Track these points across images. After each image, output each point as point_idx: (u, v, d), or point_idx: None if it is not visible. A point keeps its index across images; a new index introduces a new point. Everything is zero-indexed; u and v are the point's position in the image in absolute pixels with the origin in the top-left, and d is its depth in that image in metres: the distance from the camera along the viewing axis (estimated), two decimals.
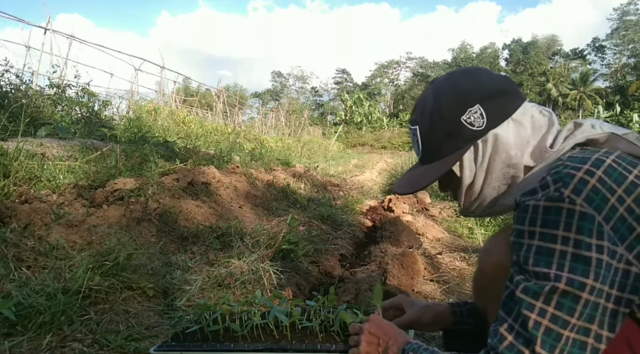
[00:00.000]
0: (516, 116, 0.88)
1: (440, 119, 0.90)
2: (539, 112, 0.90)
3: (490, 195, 0.91)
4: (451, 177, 0.94)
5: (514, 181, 0.89)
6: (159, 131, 7.13)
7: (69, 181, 2.89)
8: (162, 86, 14.84)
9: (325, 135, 29.04)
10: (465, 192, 0.93)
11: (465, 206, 0.97)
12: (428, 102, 0.94)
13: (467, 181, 0.91)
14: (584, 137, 0.85)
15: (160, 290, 2.02)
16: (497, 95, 0.89)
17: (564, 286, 0.69)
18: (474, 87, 0.89)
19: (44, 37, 9.34)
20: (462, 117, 0.88)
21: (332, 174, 8.91)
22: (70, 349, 1.47)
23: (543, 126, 0.89)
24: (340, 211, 4.53)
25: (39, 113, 5.03)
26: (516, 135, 0.87)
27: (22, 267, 1.86)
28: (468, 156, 0.90)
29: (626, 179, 0.73)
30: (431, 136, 0.92)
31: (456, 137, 0.89)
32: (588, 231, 0.69)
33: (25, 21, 9.57)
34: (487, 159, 0.88)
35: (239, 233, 2.86)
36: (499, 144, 0.87)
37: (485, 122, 0.87)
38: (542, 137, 0.88)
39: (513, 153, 0.87)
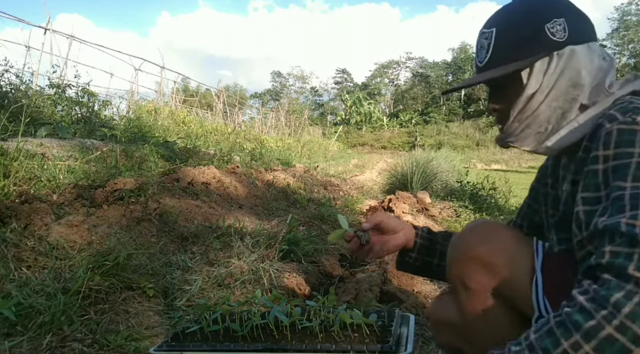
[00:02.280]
0: (592, 45, 0.90)
1: (524, 21, 0.90)
2: (602, 57, 0.91)
3: (544, 115, 0.90)
4: (512, 85, 0.92)
5: (570, 108, 0.88)
6: (159, 131, 7.13)
7: (69, 181, 2.89)
8: (162, 86, 14.84)
9: (325, 135, 29.06)
10: (522, 105, 0.91)
11: (512, 124, 0.94)
12: (512, 8, 0.94)
13: (531, 90, 0.90)
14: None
15: (160, 290, 2.02)
16: (584, 19, 0.91)
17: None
18: (563, 2, 0.91)
19: (44, 37, 9.35)
20: (547, 25, 0.88)
21: (332, 174, 8.92)
22: (70, 349, 1.47)
23: (603, 69, 0.90)
24: (340, 211, 4.53)
25: (39, 113, 5.03)
26: (589, 60, 0.88)
27: (22, 267, 1.86)
28: (540, 64, 0.89)
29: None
30: (509, 38, 0.91)
31: (534, 43, 0.89)
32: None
33: (25, 21, 9.58)
34: (557, 74, 0.88)
35: (239, 233, 2.86)
36: (573, 61, 0.87)
37: (567, 36, 0.87)
38: (603, 76, 0.88)
39: (584, 73, 0.87)
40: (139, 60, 13.72)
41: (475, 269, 0.98)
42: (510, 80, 0.92)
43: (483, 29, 0.97)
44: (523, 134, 0.93)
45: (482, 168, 19.83)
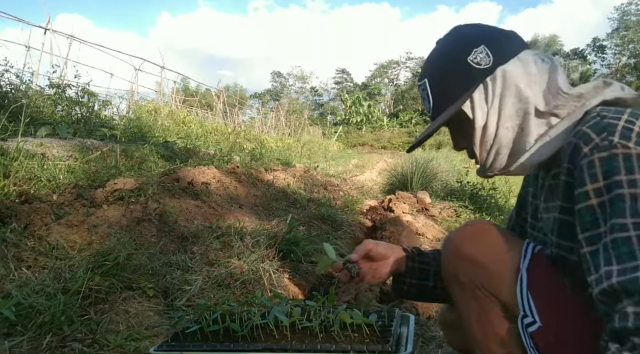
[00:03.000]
0: (521, 56, 0.89)
1: (448, 62, 0.92)
2: (541, 60, 0.91)
3: (506, 138, 0.91)
4: (463, 123, 0.93)
5: (527, 121, 0.88)
6: (159, 131, 7.13)
7: (69, 181, 2.89)
8: (162, 86, 14.85)
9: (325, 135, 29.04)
10: (480, 139, 0.92)
11: (483, 158, 0.95)
12: (434, 55, 0.97)
13: (480, 122, 0.91)
14: (613, 95, 0.85)
15: (160, 290, 2.02)
16: (501, 37, 0.92)
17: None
18: (477, 32, 0.93)
19: (44, 37, 9.35)
20: (469, 58, 0.89)
21: (332, 174, 8.92)
22: (70, 349, 1.47)
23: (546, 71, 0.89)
24: (340, 211, 4.53)
25: (39, 113, 5.03)
26: (524, 71, 0.88)
27: (22, 267, 1.86)
28: (478, 95, 0.90)
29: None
30: (440, 83, 0.94)
31: (464, 78, 0.90)
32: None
33: (25, 21, 9.58)
34: (498, 96, 0.89)
35: (239, 233, 2.86)
36: (507, 79, 0.88)
37: (492, 60, 0.89)
38: (549, 78, 0.88)
39: (522, 86, 0.87)
40: (139, 60, 13.74)
41: (466, 266, 0.98)
42: (459, 119, 0.93)
43: (418, 82, 1.00)
44: (498, 161, 0.94)
45: None
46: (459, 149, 1.00)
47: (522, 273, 0.92)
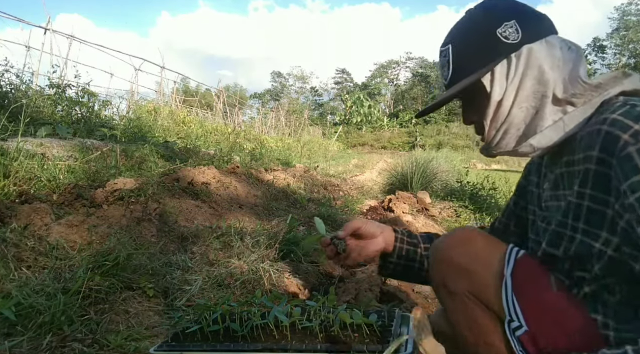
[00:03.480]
0: (549, 39, 0.88)
1: (475, 31, 0.90)
2: (568, 47, 0.89)
3: (518, 118, 0.89)
4: (478, 96, 0.92)
5: (543, 105, 0.87)
6: (159, 131, 7.13)
7: (69, 181, 2.89)
8: (162, 86, 14.85)
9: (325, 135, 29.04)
10: (493, 114, 0.91)
11: (491, 135, 0.94)
12: (463, 22, 0.95)
13: (497, 97, 0.89)
14: (632, 87, 0.84)
15: (160, 290, 2.02)
16: (534, 16, 0.90)
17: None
18: (510, 5, 0.91)
19: (44, 37, 9.34)
20: (498, 30, 0.88)
21: (332, 174, 8.92)
22: (70, 349, 1.47)
23: (571, 59, 0.88)
24: (340, 211, 4.53)
25: (39, 113, 5.03)
26: (549, 54, 0.87)
27: (22, 267, 1.86)
28: (500, 70, 0.88)
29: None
30: (464, 51, 0.92)
31: (490, 50, 0.89)
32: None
33: (25, 21, 9.58)
34: (519, 75, 0.87)
35: (239, 233, 2.86)
36: (532, 59, 0.86)
37: (520, 36, 0.87)
38: (573, 66, 0.87)
39: (546, 68, 0.86)
40: (139, 60, 13.73)
41: (453, 272, 0.98)
42: (476, 91, 0.91)
43: (441, 47, 0.97)
44: (504, 141, 0.93)
45: (482, 168, 19.83)
46: (468, 122, 0.98)
47: (506, 278, 0.92)
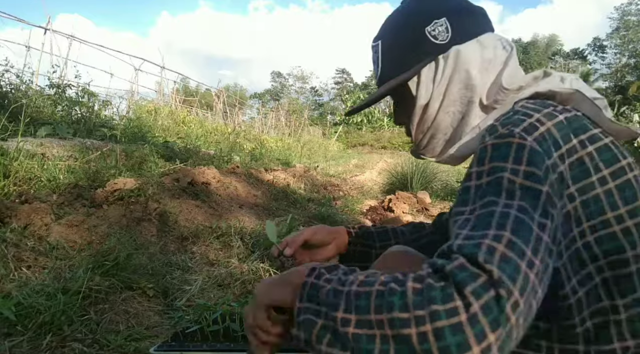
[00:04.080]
0: (482, 38, 0.83)
1: (405, 28, 0.85)
2: (502, 47, 0.85)
3: (445, 123, 0.85)
4: (406, 98, 0.88)
5: (469, 110, 0.83)
6: (159, 131, 7.13)
7: (69, 181, 2.89)
8: (162, 86, 14.85)
9: (325, 135, 29.02)
10: (419, 118, 0.87)
11: (417, 139, 0.90)
12: (394, 16, 0.89)
13: (423, 100, 0.84)
14: (547, 88, 0.79)
15: (160, 290, 2.02)
16: (466, 13, 0.84)
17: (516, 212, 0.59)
18: (443, 1, 0.85)
19: (44, 37, 9.34)
20: (427, 28, 0.83)
21: (332, 174, 8.91)
22: (70, 349, 1.47)
23: (502, 61, 0.83)
24: (340, 211, 4.53)
25: (39, 113, 5.03)
26: (479, 56, 0.81)
27: (22, 267, 1.86)
28: (427, 72, 0.83)
29: (571, 141, 0.68)
30: (392, 48, 0.87)
31: (417, 50, 0.83)
32: (538, 165, 0.63)
33: (25, 21, 9.57)
34: (446, 78, 0.82)
35: (239, 233, 2.86)
36: (460, 62, 0.81)
37: (450, 36, 0.82)
38: (499, 72, 0.82)
39: (473, 73, 0.81)
40: (139, 60, 13.72)
41: None
42: (402, 93, 0.87)
43: (372, 41, 0.92)
44: (431, 145, 0.89)
45: None
46: (398, 123, 0.94)
47: None
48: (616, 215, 0.66)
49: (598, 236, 0.66)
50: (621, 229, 0.66)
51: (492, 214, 0.59)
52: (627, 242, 0.66)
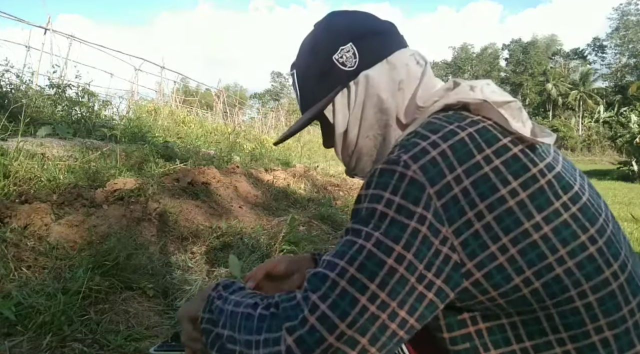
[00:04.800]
0: (391, 58, 0.82)
1: (314, 58, 0.85)
2: (415, 62, 0.84)
3: (367, 147, 0.85)
4: (327, 125, 0.88)
5: (388, 132, 0.82)
6: (159, 131, 7.12)
7: (69, 181, 2.89)
8: (162, 86, 14.85)
9: None
10: (342, 144, 0.87)
11: (345, 162, 0.91)
12: (305, 43, 0.89)
13: (341, 128, 0.84)
14: (456, 99, 0.77)
15: (160, 290, 2.02)
16: (373, 35, 0.83)
17: (371, 246, 0.62)
18: (349, 26, 0.84)
19: (44, 37, 9.34)
20: (334, 56, 0.82)
21: (332, 174, 8.90)
22: (70, 349, 1.47)
23: (417, 78, 0.82)
24: (340, 211, 4.53)
25: (39, 113, 5.03)
26: (388, 78, 0.81)
27: (22, 267, 1.86)
28: (340, 100, 0.83)
29: (472, 158, 0.66)
30: (306, 78, 0.87)
31: (328, 78, 0.83)
32: (414, 199, 0.64)
33: (25, 21, 9.58)
34: (359, 104, 0.82)
35: (239, 233, 2.86)
36: (370, 87, 0.81)
37: (357, 62, 0.81)
38: (414, 90, 0.81)
39: (384, 97, 0.80)
40: (139, 60, 13.73)
41: None
42: (322, 120, 0.87)
43: (290, 69, 0.93)
44: (360, 166, 0.89)
45: None
46: (327, 147, 0.94)
47: None
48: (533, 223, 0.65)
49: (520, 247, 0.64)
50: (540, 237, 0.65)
51: (351, 245, 0.64)
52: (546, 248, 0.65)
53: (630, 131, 15.23)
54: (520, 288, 0.65)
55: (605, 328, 0.66)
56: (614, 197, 8.04)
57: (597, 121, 41.39)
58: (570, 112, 51.17)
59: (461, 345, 0.69)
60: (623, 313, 0.67)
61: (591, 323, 0.66)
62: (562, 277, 0.64)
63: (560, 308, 0.66)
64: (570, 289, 0.65)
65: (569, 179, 0.70)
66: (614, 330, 0.67)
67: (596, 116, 41.51)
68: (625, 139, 15.33)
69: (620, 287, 0.67)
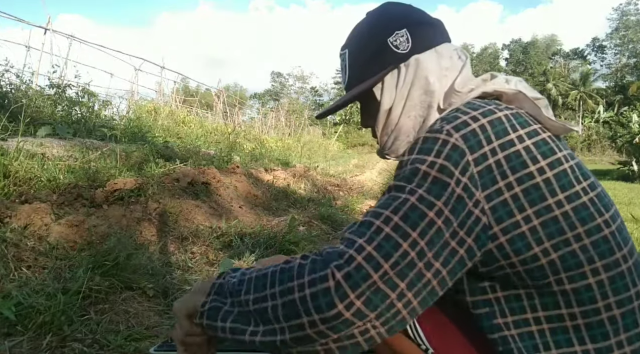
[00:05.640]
0: (439, 48, 0.89)
1: (369, 38, 0.91)
2: (458, 56, 0.91)
3: (407, 126, 0.91)
4: (372, 103, 0.94)
5: (429, 114, 0.89)
6: (159, 131, 7.12)
7: (69, 181, 2.89)
8: (162, 86, 14.85)
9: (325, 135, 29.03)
10: (384, 121, 0.93)
11: (383, 141, 0.96)
12: (359, 27, 0.95)
13: (386, 105, 0.91)
14: (493, 88, 0.86)
15: (160, 290, 2.02)
16: (425, 24, 0.91)
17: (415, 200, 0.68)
18: (404, 14, 0.92)
19: (44, 37, 9.34)
20: (389, 38, 0.89)
21: (332, 174, 8.91)
22: (70, 349, 1.47)
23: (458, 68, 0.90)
24: (340, 211, 4.53)
25: (39, 113, 5.03)
26: (436, 64, 0.88)
27: (22, 267, 1.86)
28: (390, 79, 0.90)
29: (507, 135, 0.74)
30: (358, 57, 0.93)
31: (381, 59, 0.90)
32: (454, 162, 0.70)
33: (25, 21, 9.57)
34: (407, 84, 0.89)
35: (239, 233, 2.86)
36: (419, 69, 0.88)
37: (410, 46, 0.88)
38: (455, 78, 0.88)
39: (432, 80, 0.87)
40: (139, 60, 13.72)
41: None
42: (368, 98, 0.93)
43: (340, 50, 0.99)
44: (395, 146, 0.94)
45: None
46: (365, 126, 1.00)
47: None
48: (556, 201, 0.72)
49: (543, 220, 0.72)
50: (561, 213, 0.72)
51: (395, 199, 0.69)
52: (566, 224, 0.72)
53: (631, 131, 15.25)
54: (538, 257, 0.71)
55: (614, 306, 0.73)
56: (614, 197, 8.03)
57: (597, 121, 41.42)
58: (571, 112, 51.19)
59: (482, 309, 0.76)
60: (630, 293, 0.74)
61: (602, 300, 0.73)
62: (578, 253, 0.71)
63: (575, 284, 0.72)
64: (585, 265, 0.72)
65: (586, 171, 0.78)
66: (621, 309, 0.73)
67: (596, 116, 41.54)
68: (626, 139, 15.34)
69: (629, 269, 0.75)
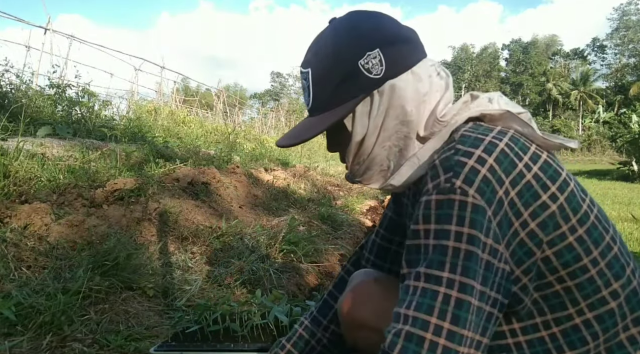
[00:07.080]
0: (416, 69, 0.79)
1: (336, 61, 0.79)
2: (437, 74, 0.81)
3: (380, 156, 0.82)
4: (341, 131, 0.84)
5: (407, 144, 0.80)
6: (159, 131, 7.12)
7: (69, 181, 2.89)
8: (162, 86, 14.85)
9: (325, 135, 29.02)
10: (355, 150, 0.83)
11: (353, 169, 0.88)
12: (324, 42, 0.82)
13: (358, 137, 0.81)
14: (478, 111, 0.78)
15: (160, 290, 2.02)
16: (400, 42, 0.79)
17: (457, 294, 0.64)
18: (376, 29, 0.79)
19: (44, 37, 9.35)
20: (360, 61, 0.77)
21: (332, 174, 8.90)
22: (70, 349, 1.47)
23: (439, 90, 0.81)
24: (340, 211, 4.53)
25: (39, 113, 5.03)
26: (414, 90, 0.78)
27: (22, 267, 1.86)
28: (362, 108, 0.80)
29: (515, 167, 0.69)
30: (324, 81, 0.81)
31: (351, 84, 0.79)
32: (480, 226, 0.65)
33: (25, 21, 9.58)
34: (382, 114, 0.79)
35: (239, 233, 2.86)
36: (394, 97, 0.78)
37: (384, 69, 0.77)
38: (436, 103, 0.80)
39: (409, 109, 0.78)
40: (139, 60, 13.73)
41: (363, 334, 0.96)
42: (337, 127, 0.83)
43: (301, 67, 0.86)
44: (367, 175, 0.86)
45: None
46: (332, 151, 0.90)
47: None
48: (570, 226, 0.70)
49: (557, 249, 0.70)
50: (575, 239, 0.70)
51: (435, 297, 0.65)
52: (582, 250, 0.71)
53: (631, 131, 15.24)
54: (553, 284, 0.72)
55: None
56: (614, 197, 8.03)
57: (597, 122, 41.40)
58: (571, 112, 51.17)
59: None
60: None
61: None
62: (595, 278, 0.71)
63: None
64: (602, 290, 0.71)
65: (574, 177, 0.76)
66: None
67: (596, 116, 41.51)
68: (626, 139, 15.32)
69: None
